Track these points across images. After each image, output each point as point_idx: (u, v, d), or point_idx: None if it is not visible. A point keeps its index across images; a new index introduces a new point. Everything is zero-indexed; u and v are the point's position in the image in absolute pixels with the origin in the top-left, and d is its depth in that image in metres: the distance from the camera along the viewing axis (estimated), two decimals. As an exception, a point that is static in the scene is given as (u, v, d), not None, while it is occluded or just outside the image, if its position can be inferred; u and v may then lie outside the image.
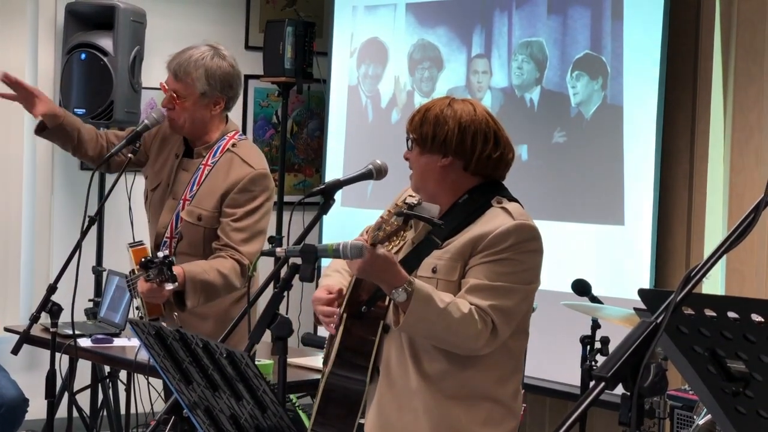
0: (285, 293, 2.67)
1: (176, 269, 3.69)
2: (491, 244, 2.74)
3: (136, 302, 3.98)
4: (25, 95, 3.95)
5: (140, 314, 3.91)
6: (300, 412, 4.73)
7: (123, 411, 5.23)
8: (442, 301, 2.67)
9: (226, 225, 3.82)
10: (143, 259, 3.63)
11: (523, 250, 2.77)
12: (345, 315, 2.84)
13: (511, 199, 2.87)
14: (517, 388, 2.90)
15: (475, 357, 2.78)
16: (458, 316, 2.67)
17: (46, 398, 4.11)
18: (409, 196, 2.85)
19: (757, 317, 1.60)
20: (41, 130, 4.00)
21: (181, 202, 3.88)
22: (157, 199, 3.97)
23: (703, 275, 1.60)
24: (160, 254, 3.60)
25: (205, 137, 3.91)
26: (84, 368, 5.21)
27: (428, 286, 2.70)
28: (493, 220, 2.79)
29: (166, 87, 3.88)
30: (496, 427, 2.83)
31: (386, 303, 2.81)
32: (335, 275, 3.01)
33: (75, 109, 5.90)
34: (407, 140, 2.89)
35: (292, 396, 4.69)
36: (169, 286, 3.61)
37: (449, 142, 2.81)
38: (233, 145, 3.89)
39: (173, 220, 3.88)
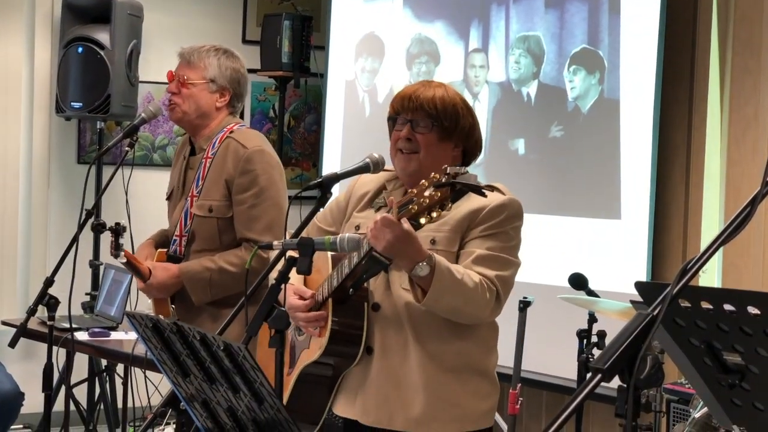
0: (282, 286, 2.67)
1: (170, 267, 3.77)
2: (489, 216, 2.78)
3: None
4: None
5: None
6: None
7: (120, 404, 5.25)
8: (458, 272, 2.69)
9: (241, 215, 3.77)
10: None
11: (514, 225, 2.82)
12: (330, 301, 2.84)
13: None
14: (496, 362, 2.96)
15: (471, 329, 2.83)
16: (472, 286, 2.70)
17: (43, 391, 4.11)
18: (448, 166, 2.56)
19: (753, 309, 1.61)
20: None
21: (189, 199, 3.85)
22: (173, 204, 3.97)
23: (699, 268, 1.60)
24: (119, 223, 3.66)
25: (205, 129, 3.88)
26: (81, 362, 5.21)
27: (443, 258, 2.70)
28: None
29: (174, 73, 3.88)
30: (484, 399, 2.89)
31: (368, 287, 2.83)
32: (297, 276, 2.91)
33: (72, 103, 5.90)
34: (413, 120, 2.84)
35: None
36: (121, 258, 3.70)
37: (469, 134, 2.86)
38: (231, 133, 3.87)
39: (182, 217, 3.86)
